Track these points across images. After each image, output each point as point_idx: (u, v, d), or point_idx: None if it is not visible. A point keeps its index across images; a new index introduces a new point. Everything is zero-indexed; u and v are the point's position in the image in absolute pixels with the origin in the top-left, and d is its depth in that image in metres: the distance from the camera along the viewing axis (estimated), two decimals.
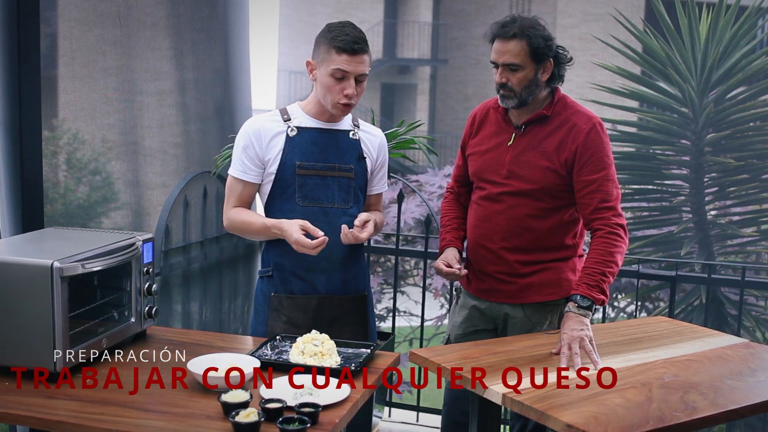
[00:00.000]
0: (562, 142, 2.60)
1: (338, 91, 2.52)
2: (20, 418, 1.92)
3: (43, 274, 2.07)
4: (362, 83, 2.55)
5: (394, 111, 21.93)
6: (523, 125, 2.66)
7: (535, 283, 2.68)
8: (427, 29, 21.68)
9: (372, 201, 2.79)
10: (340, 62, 2.49)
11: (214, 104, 3.92)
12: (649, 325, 2.87)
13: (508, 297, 2.72)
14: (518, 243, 2.67)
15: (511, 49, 2.55)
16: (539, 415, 2.01)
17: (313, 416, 1.86)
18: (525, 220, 2.65)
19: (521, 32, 2.54)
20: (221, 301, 4.07)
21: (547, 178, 2.61)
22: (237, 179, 2.62)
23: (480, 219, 2.74)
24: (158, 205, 3.58)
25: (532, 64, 2.56)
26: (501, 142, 2.70)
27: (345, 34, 2.49)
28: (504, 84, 2.59)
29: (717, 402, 2.11)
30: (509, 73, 2.57)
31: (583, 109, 2.67)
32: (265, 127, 2.60)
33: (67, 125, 3.14)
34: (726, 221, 5.13)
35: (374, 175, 2.74)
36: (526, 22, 2.56)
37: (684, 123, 5.17)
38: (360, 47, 2.49)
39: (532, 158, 2.63)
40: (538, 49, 2.55)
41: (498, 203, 2.68)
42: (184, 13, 3.64)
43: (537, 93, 2.61)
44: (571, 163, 2.59)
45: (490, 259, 2.71)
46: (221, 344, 2.47)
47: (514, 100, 2.60)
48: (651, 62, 5.26)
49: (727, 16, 4.99)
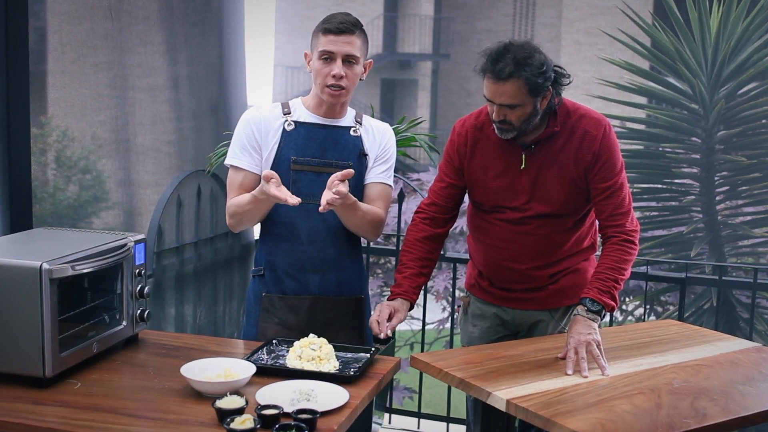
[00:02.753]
0: (578, 152, 2.52)
1: (326, 74, 2.50)
2: (8, 425, 1.90)
3: (32, 276, 2.04)
4: (353, 66, 2.52)
5: (394, 107, 21.95)
6: (532, 144, 2.56)
7: (565, 287, 2.66)
8: (429, 23, 21.67)
9: (371, 193, 2.63)
10: (326, 43, 2.49)
11: (208, 101, 3.91)
12: (658, 328, 2.86)
13: (538, 304, 2.68)
14: (547, 261, 2.62)
15: (507, 91, 2.41)
16: (545, 422, 1.99)
17: (310, 423, 1.83)
18: (553, 237, 2.60)
19: (517, 70, 2.37)
20: (216, 304, 4.07)
21: (570, 193, 2.54)
22: (237, 169, 2.58)
23: (503, 240, 2.63)
24: (151, 204, 3.57)
25: (531, 99, 2.43)
26: (510, 166, 2.58)
27: (334, 18, 2.51)
28: (502, 120, 2.48)
29: (728, 408, 2.09)
30: (507, 110, 2.44)
31: (587, 111, 2.58)
32: (265, 117, 2.58)
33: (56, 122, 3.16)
34: (737, 221, 5.11)
35: (375, 163, 2.62)
36: (520, 54, 2.39)
37: (694, 120, 5.14)
38: (345, 27, 2.48)
39: (552, 176, 2.54)
40: (535, 85, 2.41)
41: (522, 225, 2.60)
42: (178, 7, 3.64)
43: (536, 120, 2.50)
44: (588, 170, 2.53)
45: (517, 278, 2.66)
46: (216, 348, 2.44)
47: (512, 133, 2.49)
48: (660, 57, 5.23)
49: (738, 9, 4.95)
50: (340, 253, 2.60)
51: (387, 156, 2.65)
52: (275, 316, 2.59)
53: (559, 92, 2.53)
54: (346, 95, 2.55)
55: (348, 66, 2.50)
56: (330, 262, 2.59)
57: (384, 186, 2.64)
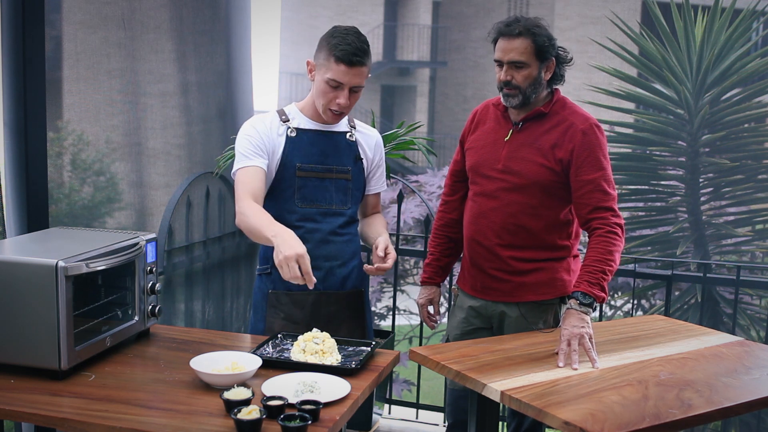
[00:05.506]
0: (558, 141, 2.62)
1: (331, 99, 2.52)
2: (25, 416, 1.93)
3: (48, 274, 2.07)
4: (357, 93, 2.54)
5: (393, 112, 21.96)
6: (521, 122, 2.68)
7: (530, 282, 2.70)
8: (427, 32, 21.72)
9: (371, 201, 2.80)
10: (337, 72, 2.46)
11: (216, 106, 3.93)
12: (646, 323, 2.87)
13: (503, 295, 2.73)
14: (512, 240, 2.69)
15: (516, 47, 2.58)
16: (537, 412, 2.02)
17: (314, 413, 1.86)
18: (519, 217, 2.67)
19: (526, 30, 2.57)
20: (224, 300, 4.08)
21: (540, 174, 2.63)
22: (246, 169, 2.51)
23: (475, 216, 2.76)
24: (161, 205, 3.59)
25: (537, 62, 2.59)
26: (498, 138, 2.72)
27: (347, 44, 2.44)
28: (508, 82, 2.61)
29: (712, 399, 2.11)
30: (514, 70, 2.60)
31: (582, 111, 2.70)
32: (268, 125, 2.60)
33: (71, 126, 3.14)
34: (721, 221, 5.13)
35: (372, 175, 2.75)
36: (530, 22, 2.59)
37: (680, 124, 5.18)
38: (359, 60, 2.45)
39: (528, 154, 2.65)
40: (543, 47, 2.58)
41: (493, 200, 2.70)
42: (187, 16, 3.65)
43: (539, 92, 2.64)
44: (567, 163, 2.61)
45: (485, 255, 2.74)
46: (224, 342, 2.47)
47: (518, 98, 2.62)
48: (647, 64, 5.27)
49: (722, 19, 5.00)
50: (342, 252, 2.65)
51: (383, 163, 2.79)
52: (281, 311, 2.62)
53: (562, 73, 2.68)
54: (346, 115, 2.62)
55: (353, 94, 2.53)
56: (333, 262, 2.64)
57: (380, 192, 2.84)
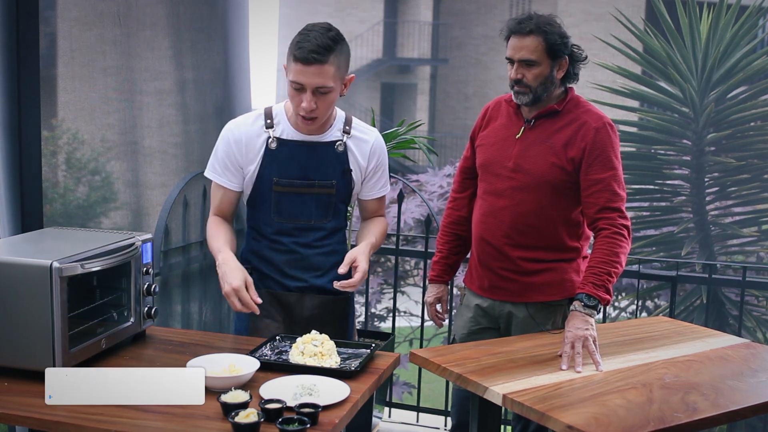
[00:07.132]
0: (571, 139, 2.60)
1: (297, 103, 2.37)
2: (19, 419, 1.92)
3: (43, 274, 2.06)
4: (326, 96, 2.35)
5: (394, 110, 21.97)
6: (533, 119, 2.67)
7: (538, 282, 2.69)
8: (428, 29, 21.72)
9: (372, 206, 2.68)
10: (295, 72, 2.31)
11: (213, 104, 3.90)
12: (650, 325, 2.87)
13: (511, 295, 2.72)
14: (522, 240, 2.67)
15: (527, 45, 2.56)
16: (540, 416, 2.01)
17: (312, 417, 1.86)
18: (529, 217, 2.65)
19: (538, 28, 2.56)
20: (221, 301, 4.04)
21: (552, 173, 2.61)
22: (217, 185, 2.55)
23: (484, 214, 2.75)
24: (158, 205, 3.56)
25: (548, 61, 2.58)
26: (509, 135, 2.71)
27: (306, 41, 2.28)
28: (519, 80, 2.60)
29: (718, 403, 2.11)
30: (525, 69, 2.59)
31: (596, 110, 2.68)
32: (247, 135, 2.49)
33: (66, 125, 3.12)
34: (727, 221, 5.14)
35: (368, 180, 2.61)
36: (543, 19, 2.58)
37: (685, 123, 5.17)
38: (316, 58, 2.27)
39: (539, 152, 2.63)
40: (555, 45, 2.57)
41: (503, 198, 2.68)
42: (184, 13, 3.63)
43: (551, 90, 2.63)
44: (579, 161, 2.60)
45: (493, 254, 2.72)
46: (221, 344, 2.46)
47: (528, 96, 2.61)
48: (651, 62, 5.27)
49: (727, 16, 5.00)
50: (322, 263, 2.58)
51: (382, 167, 2.64)
52: (263, 309, 2.49)
53: (576, 72, 2.67)
54: (321, 120, 2.44)
55: (319, 96, 2.34)
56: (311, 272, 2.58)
57: (384, 196, 2.70)
